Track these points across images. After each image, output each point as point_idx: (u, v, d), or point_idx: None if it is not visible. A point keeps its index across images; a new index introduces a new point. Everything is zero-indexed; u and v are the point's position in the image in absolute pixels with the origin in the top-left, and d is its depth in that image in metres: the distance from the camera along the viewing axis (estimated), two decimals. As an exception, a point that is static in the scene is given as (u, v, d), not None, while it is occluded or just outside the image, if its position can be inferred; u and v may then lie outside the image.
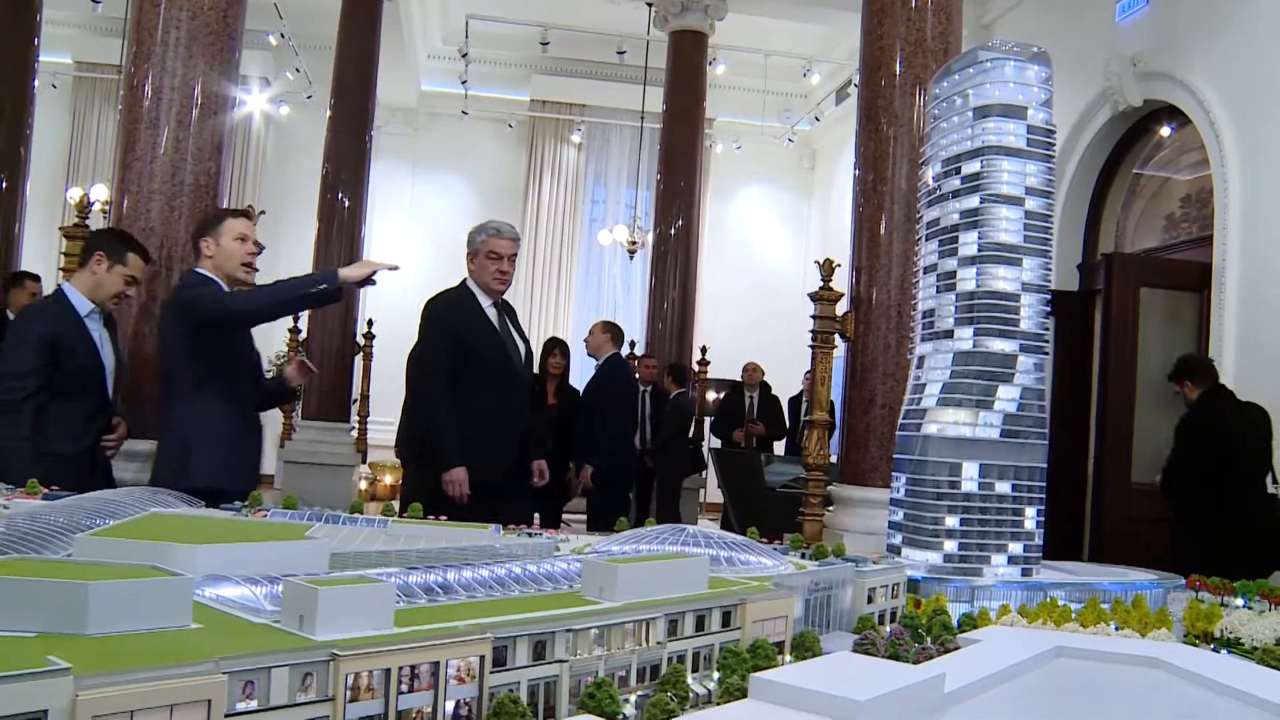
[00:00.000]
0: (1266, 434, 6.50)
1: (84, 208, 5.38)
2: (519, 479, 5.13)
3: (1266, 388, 6.59)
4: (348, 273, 4.29)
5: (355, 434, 10.65)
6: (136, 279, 4.48)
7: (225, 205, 5.32)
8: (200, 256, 4.47)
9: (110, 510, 2.40)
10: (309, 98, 14.22)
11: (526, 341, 5.20)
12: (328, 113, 10.47)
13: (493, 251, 5.00)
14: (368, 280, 4.33)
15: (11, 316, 7.70)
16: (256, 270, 4.58)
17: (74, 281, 4.45)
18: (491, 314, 5.05)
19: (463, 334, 4.93)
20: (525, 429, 5.14)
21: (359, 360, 10.79)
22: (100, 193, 10.82)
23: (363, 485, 11.22)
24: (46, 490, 3.18)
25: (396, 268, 4.46)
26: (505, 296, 5.18)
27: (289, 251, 12.88)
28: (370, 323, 11.37)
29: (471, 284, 5.08)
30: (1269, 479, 6.55)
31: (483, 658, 1.54)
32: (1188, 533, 6.57)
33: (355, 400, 10.88)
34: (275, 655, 1.35)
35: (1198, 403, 6.58)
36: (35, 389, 4.19)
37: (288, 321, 11.31)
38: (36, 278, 8.45)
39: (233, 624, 1.59)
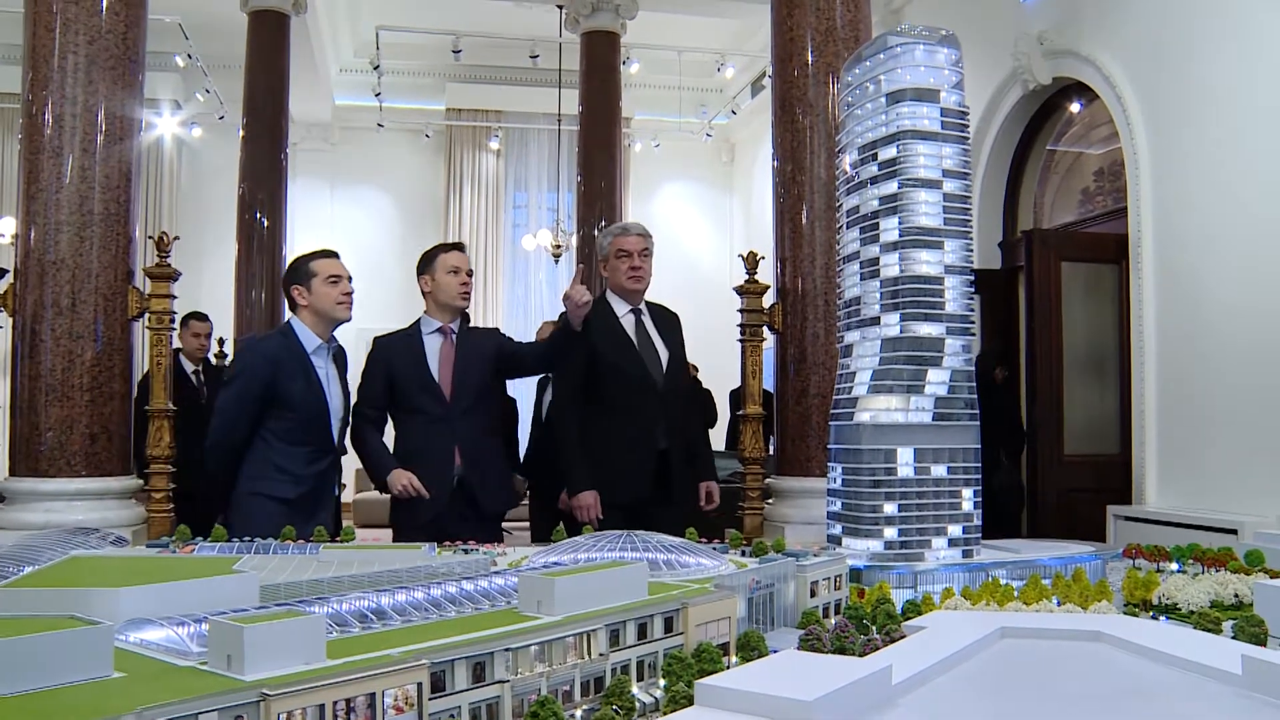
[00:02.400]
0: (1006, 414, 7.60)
1: (-11, 243, 5.22)
2: (661, 499, 4.70)
3: (1186, 354, 6.71)
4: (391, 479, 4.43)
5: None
6: (338, 275, 4.32)
7: (138, 232, 5.18)
8: (423, 293, 4.75)
9: (28, 556, 2.32)
10: (221, 118, 13.95)
11: (674, 350, 4.95)
12: (241, 133, 10.28)
13: (621, 250, 4.85)
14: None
15: (183, 359, 7.56)
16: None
17: (300, 316, 4.30)
18: (628, 322, 4.87)
19: (594, 345, 4.68)
20: (665, 446, 4.76)
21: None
22: (9, 226, 10.51)
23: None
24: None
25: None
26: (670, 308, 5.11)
27: (210, 274, 12.66)
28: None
29: (609, 293, 4.94)
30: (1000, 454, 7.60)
31: (420, 685, 1.50)
32: None
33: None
34: (201, 700, 1.30)
35: None
36: (240, 430, 4.10)
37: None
38: (203, 316, 8.21)
39: (158, 669, 1.54)
